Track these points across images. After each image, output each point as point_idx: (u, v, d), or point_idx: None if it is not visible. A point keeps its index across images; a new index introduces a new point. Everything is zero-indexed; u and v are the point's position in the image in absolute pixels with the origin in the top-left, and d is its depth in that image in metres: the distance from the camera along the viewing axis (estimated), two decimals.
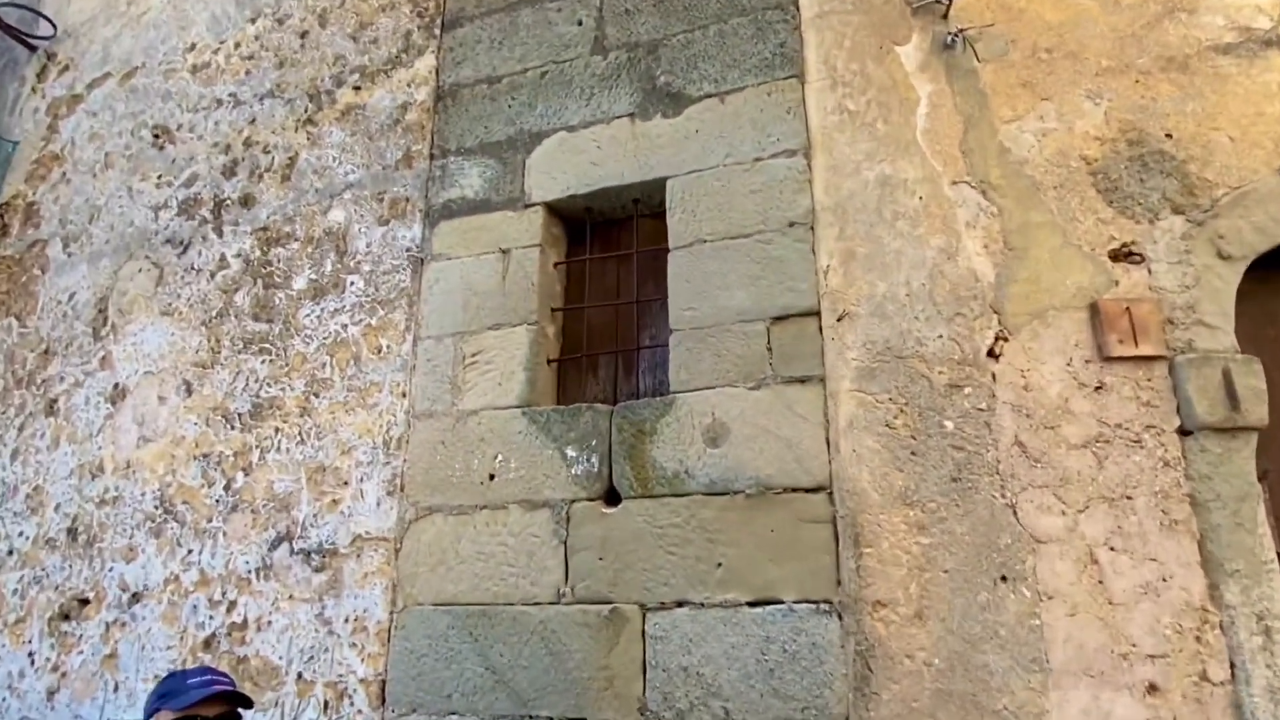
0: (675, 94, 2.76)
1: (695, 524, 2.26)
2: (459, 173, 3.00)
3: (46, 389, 3.42)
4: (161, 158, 3.64)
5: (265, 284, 3.17)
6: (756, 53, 2.69)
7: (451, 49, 3.20)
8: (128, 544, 2.98)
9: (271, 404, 2.96)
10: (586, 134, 2.85)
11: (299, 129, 3.37)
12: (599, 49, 2.93)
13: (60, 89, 4.15)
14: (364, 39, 3.40)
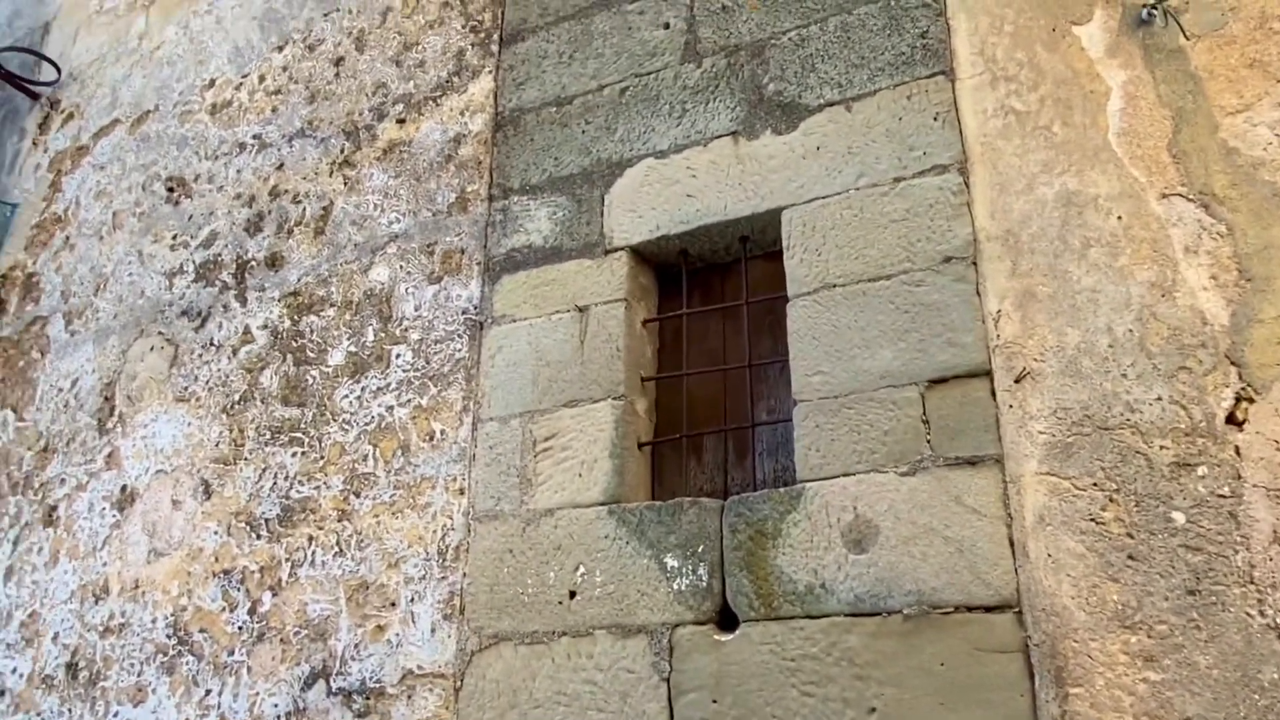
0: (788, 104, 2.82)
1: (837, 655, 2.21)
2: (524, 215, 3.12)
3: (45, 494, 3.67)
4: (176, 214, 3.94)
5: (296, 360, 3.35)
6: (891, 47, 2.73)
7: (512, 68, 3.37)
8: (135, 683, 3.13)
9: (304, 506, 3.09)
10: (679, 160, 2.93)
11: (334, 173, 3.60)
12: (691, 56, 3.03)
13: (64, 140, 4.58)
14: (408, 62, 3.63)
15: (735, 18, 3.01)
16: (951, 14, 2.71)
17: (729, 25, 3.01)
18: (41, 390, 3.94)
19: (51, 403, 3.88)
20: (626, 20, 3.20)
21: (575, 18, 3.30)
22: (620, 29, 3.20)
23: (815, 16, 2.88)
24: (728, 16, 3.03)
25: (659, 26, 3.13)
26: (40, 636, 3.41)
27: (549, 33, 3.34)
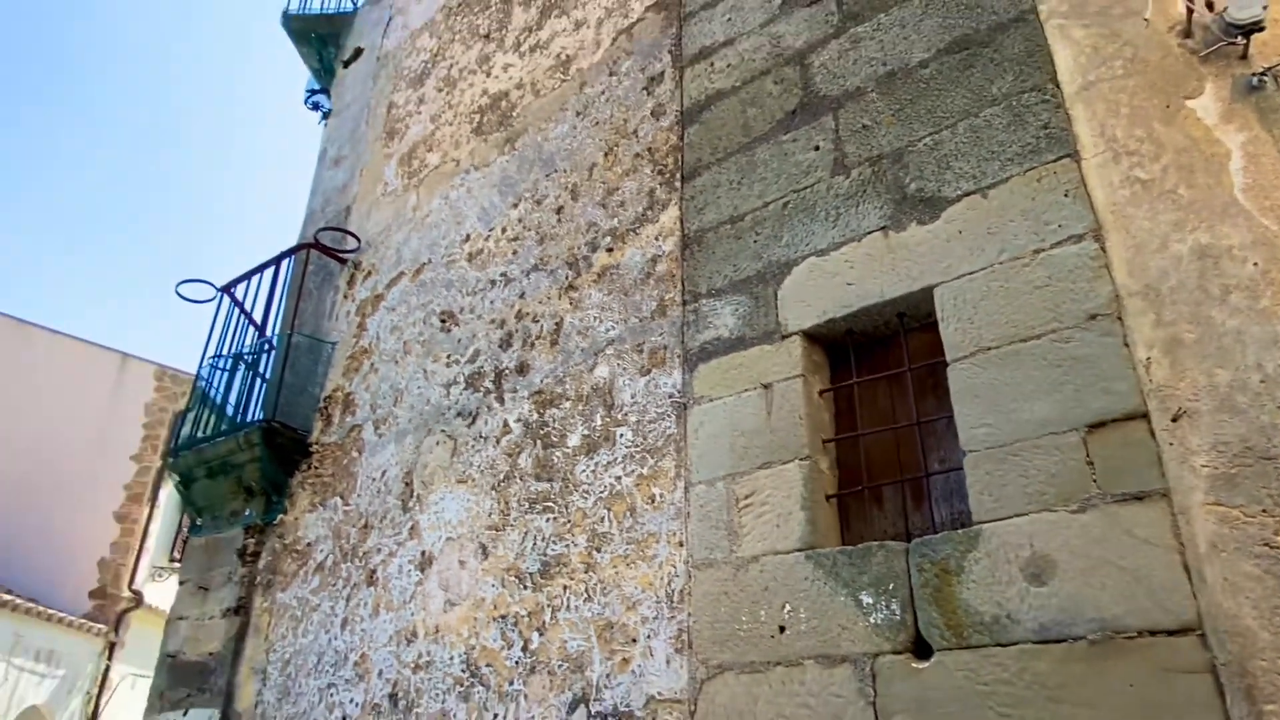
0: (929, 198, 2.76)
1: (1029, 679, 2.04)
2: (711, 314, 3.18)
3: (366, 560, 3.98)
4: (449, 339, 4.26)
5: (544, 444, 3.51)
6: (1017, 140, 2.63)
7: (692, 197, 3.48)
8: (440, 709, 3.29)
9: (558, 561, 3.20)
10: (837, 255, 2.91)
11: (562, 296, 3.80)
12: (840, 169, 3.03)
13: (365, 291, 5.06)
14: (612, 204, 3.81)
15: (875, 133, 2.99)
16: (1070, 104, 2.59)
17: (870, 140, 3.00)
18: (360, 480, 4.30)
19: (368, 489, 4.22)
20: (782, 149, 3.24)
21: (740, 152, 3.38)
22: (778, 155, 3.25)
23: (945, 123, 2.82)
24: (868, 133, 3.01)
25: (810, 149, 3.16)
26: (369, 673, 3.66)
27: (720, 166, 3.43)
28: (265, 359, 5.28)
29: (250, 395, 5.15)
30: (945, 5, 2.99)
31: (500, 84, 4.92)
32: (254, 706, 4.08)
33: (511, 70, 4.89)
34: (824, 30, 3.32)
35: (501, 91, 4.88)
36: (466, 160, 4.84)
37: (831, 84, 3.20)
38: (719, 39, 3.70)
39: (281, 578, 4.37)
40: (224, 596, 4.59)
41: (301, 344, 5.14)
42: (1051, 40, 2.70)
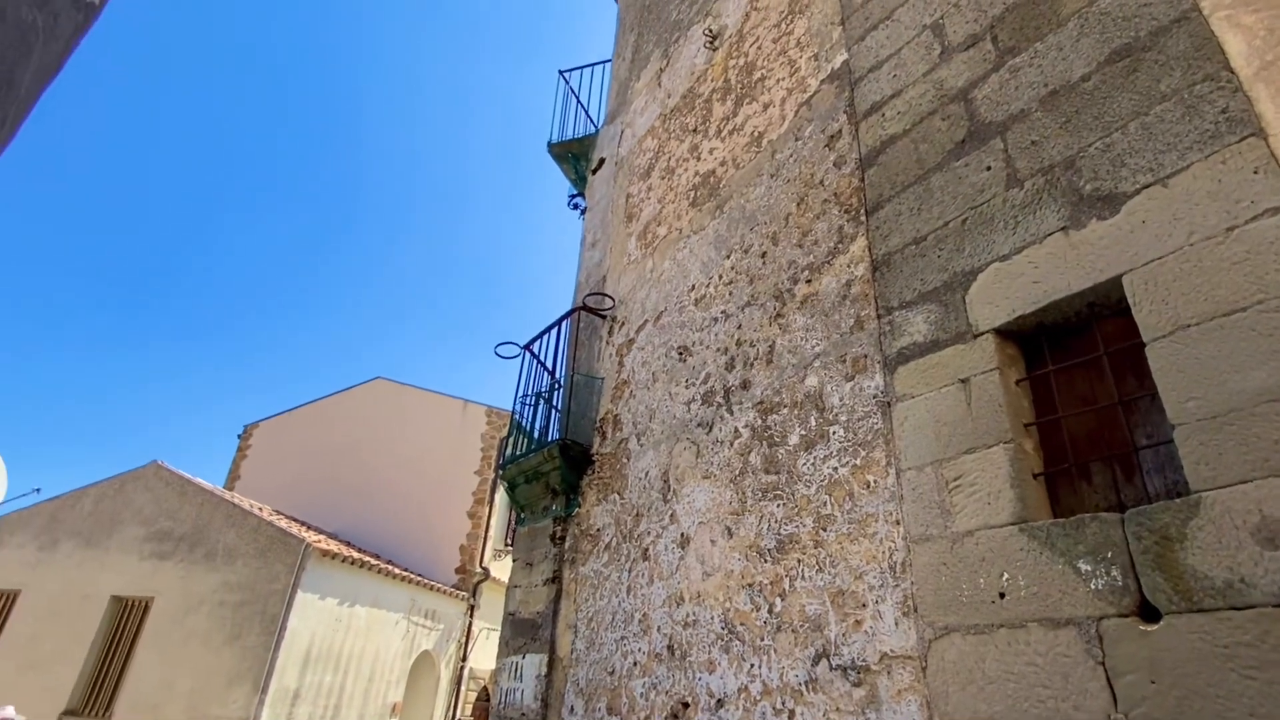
0: (1106, 196, 2.39)
1: (1273, 642, 1.65)
2: (905, 323, 2.96)
3: (640, 541, 4.12)
4: (685, 368, 4.35)
5: (769, 444, 3.45)
6: (1193, 129, 2.22)
7: (877, 228, 3.29)
8: (708, 658, 3.30)
9: (790, 540, 3.11)
10: (1020, 259, 2.60)
11: (772, 324, 3.74)
12: (1013, 183, 2.73)
13: (621, 337, 5.31)
14: (807, 243, 3.71)
15: (1043, 147, 2.66)
16: (1248, 87, 2.14)
17: (1039, 153, 2.67)
18: (630, 480, 4.48)
19: (636, 486, 4.38)
20: (955, 174, 2.98)
21: (917, 183, 3.15)
22: (952, 181, 2.99)
23: (1115, 126, 2.45)
24: (1036, 148, 2.69)
25: (982, 170, 2.87)
26: (650, 629, 3.77)
27: (900, 198, 3.22)
28: (556, 394, 5.71)
29: (549, 422, 5.58)
30: (1100, 23, 2.61)
31: (707, 164, 5.00)
32: (570, 653, 4.34)
33: (715, 152, 4.95)
34: (983, 68, 3.03)
35: (709, 170, 4.95)
36: (687, 228, 4.95)
37: (995, 111, 2.90)
38: (886, 93, 3.50)
39: (581, 555, 4.64)
40: (544, 570, 4.96)
41: (580, 381, 5.49)
42: (1219, 31, 2.26)
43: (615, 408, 4.99)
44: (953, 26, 3.26)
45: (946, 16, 3.31)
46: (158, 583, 11.16)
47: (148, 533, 11.69)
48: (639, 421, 4.63)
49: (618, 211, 6.14)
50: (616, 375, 5.15)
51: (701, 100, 5.41)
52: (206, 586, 10.90)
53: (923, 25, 3.43)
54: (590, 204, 6.85)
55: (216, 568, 11.02)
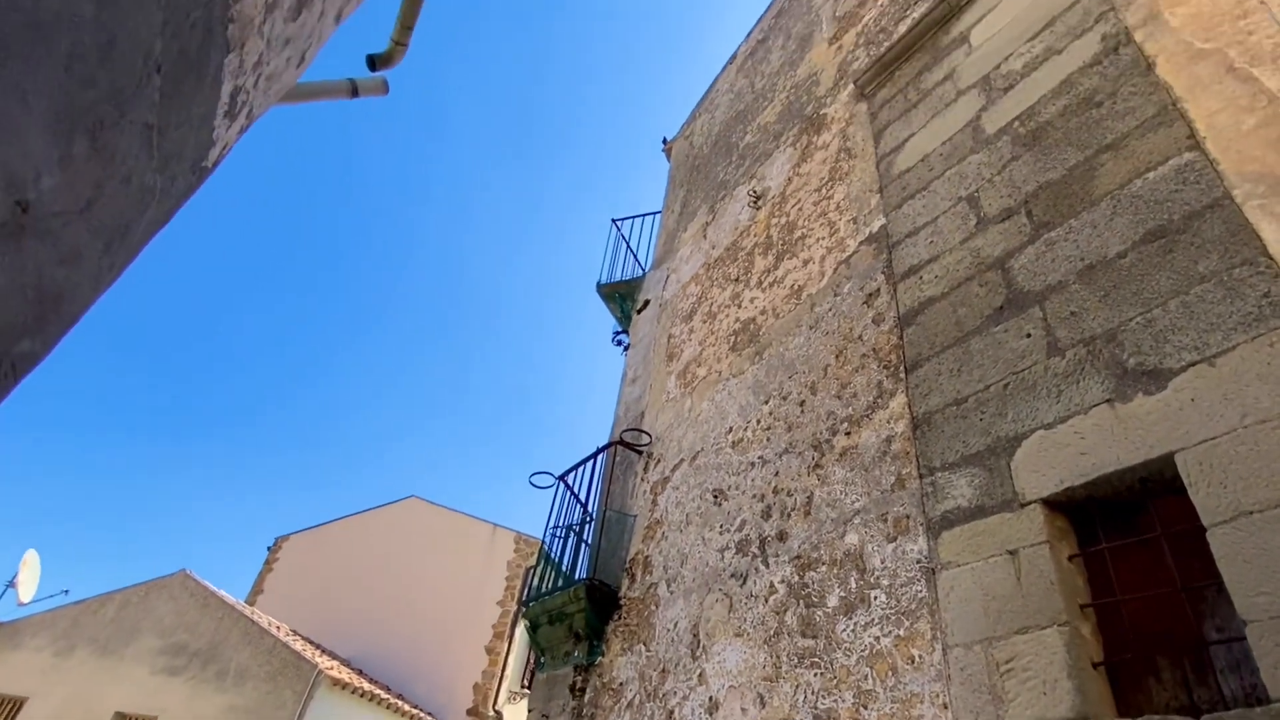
0: (1151, 371, 2.38)
1: None
2: (948, 485, 2.89)
3: (665, 701, 3.85)
4: (720, 512, 4.26)
5: (806, 604, 3.29)
6: (1235, 311, 2.23)
7: (917, 385, 3.30)
8: None
9: (829, 716, 2.88)
10: (1065, 428, 2.56)
11: (810, 474, 3.68)
12: (1054, 352, 2.74)
13: (656, 475, 5.27)
14: (846, 395, 3.72)
15: (1083, 319, 2.69)
16: None
17: (1079, 324, 2.70)
18: (658, 630, 4.27)
19: (664, 638, 4.17)
20: (995, 339, 3.02)
21: (956, 344, 3.19)
22: (992, 345, 3.02)
23: (1155, 303, 2.48)
24: (1076, 319, 2.72)
25: (1022, 337, 2.90)
26: None
27: (939, 358, 3.25)
28: (587, 529, 5.61)
29: (578, 557, 5.44)
30: (1134, 205, 2.72)
31: (748, 312, 5.16)
32: None
33: (756, 301, 5.13)
34: (1019, 239, 3.14)
35: (750, 318, 5.11)
36: (726, 371, 5.04)
37: (1033, 281, 2.98)
38: (924, 257, 3.64)
39: (601, 712, 4.35)
40: None
41: (612, 518, 5.40)
42: (1254, 219, 2.33)
43: (646, 548, 4.86)
44: (987, 199, 3.43)
45: (981, 190, 3.49)
46: (164, 699, 10.76)
47: (163, 645, 11.45)
48: (670, 565, 4.48)
49: (659, 350, 6.30)
50: (650, 514, 5.06)
51: (744, 253, 5.68)
52: (213, 708, 10.45)
53: (958, 197, 3.62)
54: (633, 341, 7.07)
55: (225, 689, 10.62)
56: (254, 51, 1.91)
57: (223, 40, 1.69)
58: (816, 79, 6.05)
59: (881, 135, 4.53)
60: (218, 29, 1.64)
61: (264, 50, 1.99)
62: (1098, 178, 2.93)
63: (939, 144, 3.94)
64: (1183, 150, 2.65)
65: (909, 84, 4.50)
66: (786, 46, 7.14)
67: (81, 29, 1.18)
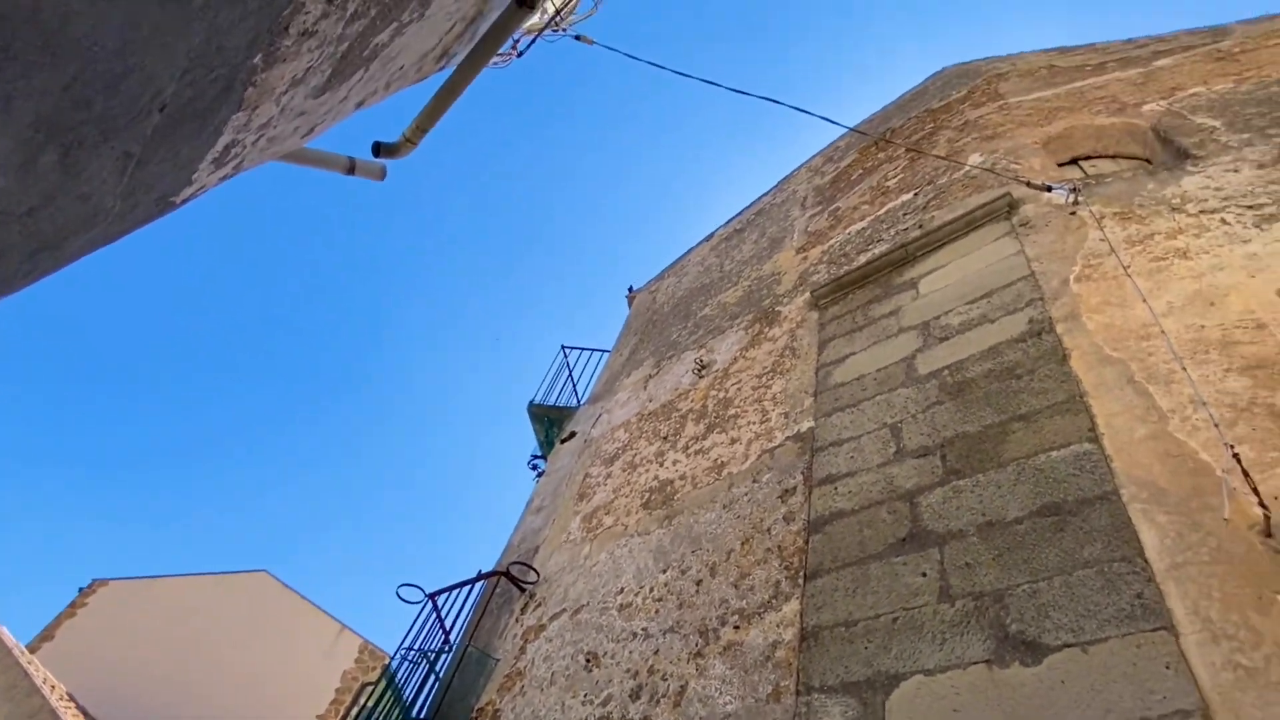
0: (1030, 642, 2.43)
1: None
2: (822, 710, 2.79)
3: None
4: (589, 679, 3.98)
5: None
6: (1111, 604, 2.35)
7: (813, 595, 3.28)
8: None
9: None
10: (944, 679, 2.55)
11: (690, 661, 3.52)
12: (945, 598, 2.79)
13: (532, 619, 4.95)
14: (743, 586, 3.66)
15: (976, 572, 2.78)
16: (1161, 580, 2.32)
17: (972, 577, 2.78)
18: None
19: None
20: (893, 569, 3.07)
21: (857, 564, 3.23)
22: (889, 575, 3.06)
23: (1042, 575, 2.59)
24: (970, 570, 2.81)
25: (918, 575, 2.96)
26: None
27: (839, 573, 3.26)
28: (443, 660, 5.13)
29: (422, 691, 4.93)
30: (1035, 478, 2.92)
31: (668, 473, 5.16)
32: None
33: (679, 465, 5.15)
34: (931, 479, 3.30)
35: (669, 479, 5.09)
36: (633, 527, 4.93)
37: (937, 522, 3.09)
38: (843, 470, 3.76)
39: None
40: None
41: (473, 655, 4.97)
42: (1135, 520, 2.52)
43: (499, 700, 4.45)
44: (909, 433, 3.63)
45: (905, 423, 3.70)
46: None
47: None
48: None
49: (573, 486, 6.17)
50: (514, 662, 4.69)
51: (679, 414, 5.78)
52: None
53: (884, 423, 3.82)
54: (549, 470, 6.92)
55: None
56: (265, 115, 1.94)
57: (237, 99, 1.71)
58: (779, 278, 6.53)
59: (826, 346, 4.83)
60: (236, 88, 1.67)
61: (275, 115, 2.02)
62: (1008, 442, 3.15)
63: (875, 369, 4.22)
64: (1084, 440, 2.90)
65: (859, 308, 4.88)
66: (759, 242, 7.74)
67: (97, 58, 1.17)
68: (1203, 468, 2.57)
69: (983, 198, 4.92)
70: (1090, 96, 5.80)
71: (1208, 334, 3.08)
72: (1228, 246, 3.52)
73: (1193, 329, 3.14)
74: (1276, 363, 2.83)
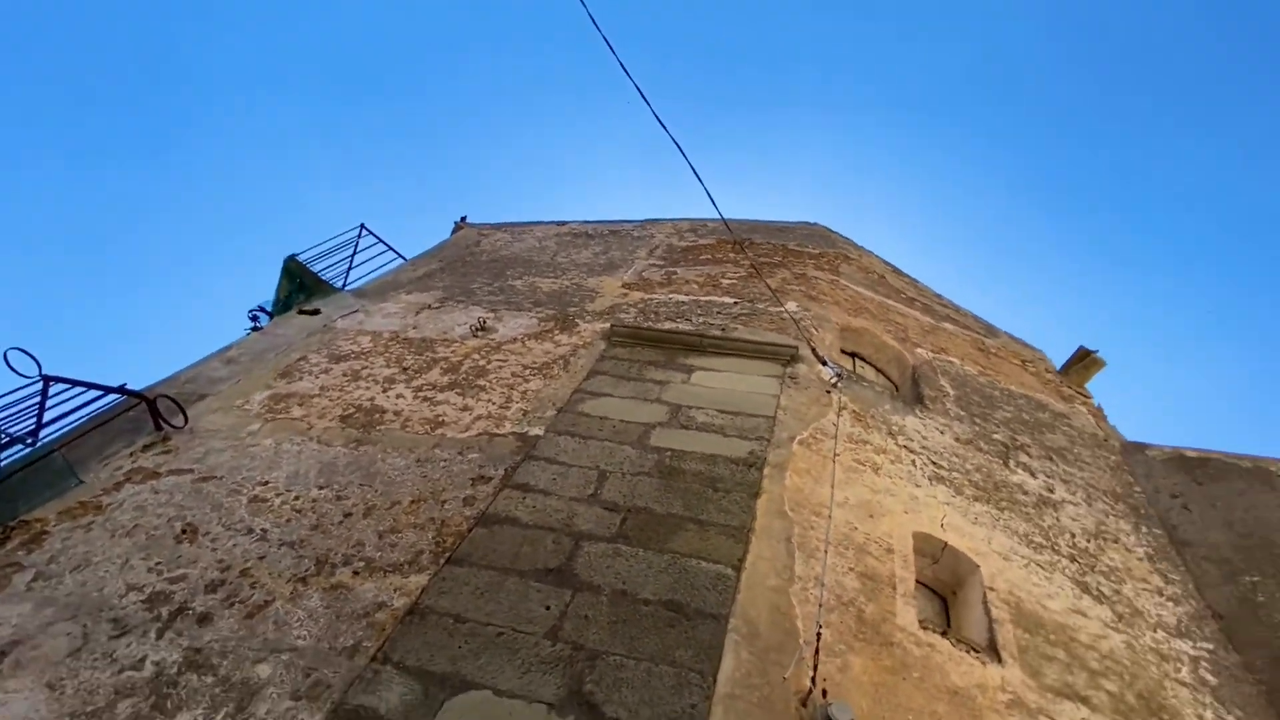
0: (593, 705, 2.64)
1: None
2: (384, 684, 2.76)
3: None
4: (172, 550, 3.54)
5: (156, 707, 2.71)
6: (671, 702, 2.64)
7: (445, 579, 3.27)
8: None
9: None
10: (508, 704, 2.67)
11: (291, 582, 3.30)
12: (553, 636, 2.94)
13: (150, 462, 4.32)
14: (387, 540, 3.54)
15: (589, 627, 2.97)
16: (715, 701, 2.65)
17: (584, 630, 2.96)
18: None
19: None
20: (528, 591, 3.14)
21: (500, 571, 3.27)
22: (521, 594, 3.14)
23: (636, 654, 2.85)
24: (586, 624, 2.99)
25: (544, 606, 3.08)
26: None
27: (479, 571, 3.28)
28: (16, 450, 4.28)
29: None
30: (679, 574, 3.22)
31: (387, 403, 4.89)
32: None
33: (401, 401, 4.91)
34: (604, 531, 3.50)
35: (383, 408, 4.83)
36: (318, 431, 4.57)
37: (587, 570, 3.26)
38: (540, 486, 3.85)
39: None
40: None
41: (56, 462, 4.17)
42: (727, 647, 2.87)
43: (55, 523, 3.77)
44: (611, 486, 3.84)
45: (612, 476, 3.91)
46: None
47: None
48: (64, 559, 3.49)
49: (283, 359, 5.57)
50: (99, 493, 4.02)
51: (431, 356, 5.55)
52: None
53: (598, 466, 4.00)
54: (268, 330, 6.20)
55: None
56: None
57: None
58: (595, 296, 6.66)
59: (594, 376, 4.99)
60: None
61: None
62: (678, 535, 3.46)
63: (619, 418, 4.43)
64: (730, 565, 3.28)
65: (640, 363, 5.13)
66: (598, 257, 7.86)
67: None
68: (794, 631, 3.03)
69: (778, 338, 5.49)
70: (892, 317, 6.82)
71: (855, 536, 3.69)
72: (904, 483, 4.28)
73: (848, 526, 3.74)
74: (882, 582, 3.46)
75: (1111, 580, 4.11)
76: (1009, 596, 3.64)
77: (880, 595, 3.38)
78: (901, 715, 2.77)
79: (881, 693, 2.85)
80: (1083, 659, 3.42)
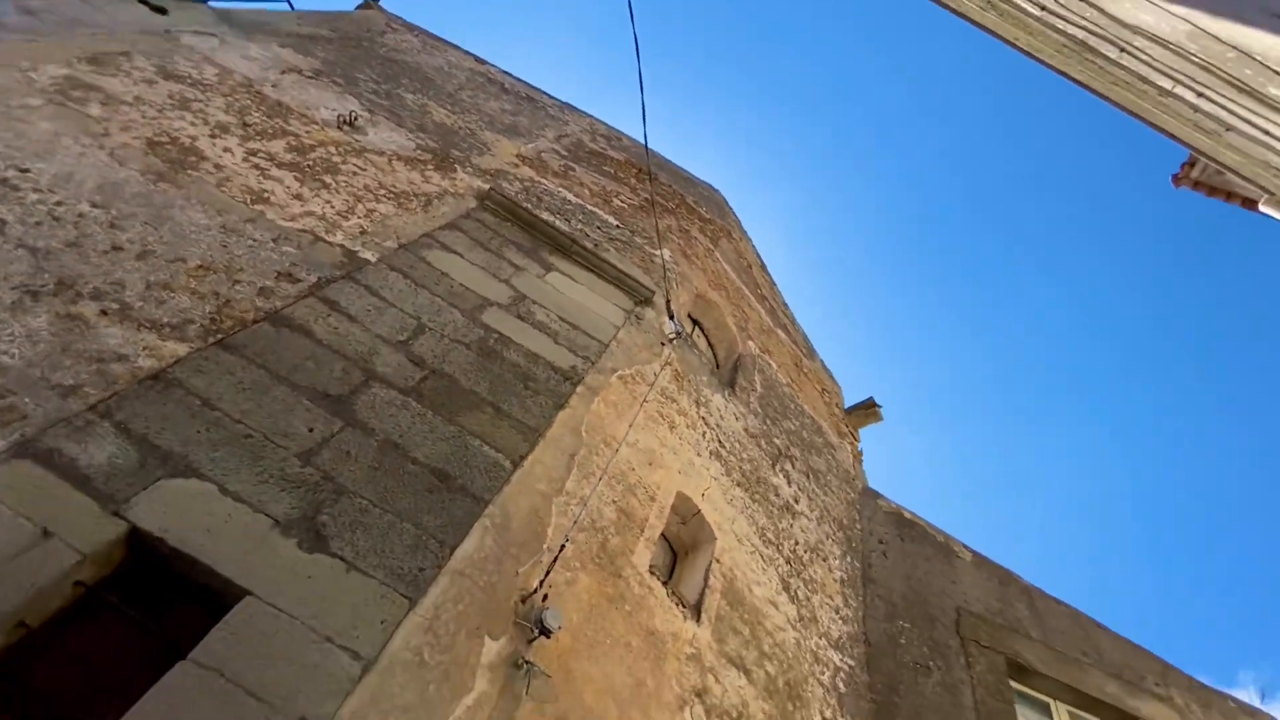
0: (321, 536, 2.56)
1: None
2: (95, 438, 2.46)
3: None
4: None
5: None
6: (400, 561, 2.63)
7: (210, 359, 2.95)
8: None
9: None
10: (227, 504, 2.50)
11: (14, 290, 2.78)
12: (304, 459, 2.79)
13: None
14: (154, 293, 3.10)
15: (347, 464, 2.85)
16: (443, 573, 2.69)
17: (340, 466, 2.84)
18: None
19: None
20: (298, 405, 2.94)
21: (274, 376, 3.01)
22: (288, 405, 2.93)
23: (384, 505, 2.79)
24: (345, 460, 2.87)
25: (308, 427, 2.90)
26: None
27: (253, 368, 2.99)
28: None
29: None
30: (457, 448, 3.19)
31: (211, 150, 4.22)
32: None
33: (227, 156, 4.26)
34: (400, 382, 3.34)
35: (205, 155, 4.16)
36: (114, 143, 3.83)
37: (368, 412, 3.12)
38: (349, 312, 3.57)
39: None
40: None
41: None
42: (474, 529, 2.91)
43: None
44: (424, 342, 3.67)
45: (429, 334, 3.74)
46: None
47: None
48: None
49: (101, 43, 4.56)
50: None
51: (282, 127, 4.86)
52: None
53: (418, 317, 3.79)
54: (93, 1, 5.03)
55: None
56: None
57: None
58: (485, 152, 6.23)
59: (451, 230, 4.70)
60: None
61: None
62: (472, 414, 3.41)
63: (458, 281, 4.23)
64: (508, 458, 3.30)
65: (501, 238, 4.91)
66: (504, 115, 7.34)
67: None
68: (543, 536, 3.15)
69: (642, 277, 5.54)
70: (742, 305, 7.17)
71: (629, 475, 3.90)
72: (689, 448, 4.58)
73: (627, 465, 3.93)
74: (635, 522, 3.70)
75: (808, 588, 4.77)
76: (728, 572, 4.08)
77: (628, 533, 3.61)
78: (603, 636, 3.01)
79: (595, 613, 3.08)
80: (760, 641, 3.95)
